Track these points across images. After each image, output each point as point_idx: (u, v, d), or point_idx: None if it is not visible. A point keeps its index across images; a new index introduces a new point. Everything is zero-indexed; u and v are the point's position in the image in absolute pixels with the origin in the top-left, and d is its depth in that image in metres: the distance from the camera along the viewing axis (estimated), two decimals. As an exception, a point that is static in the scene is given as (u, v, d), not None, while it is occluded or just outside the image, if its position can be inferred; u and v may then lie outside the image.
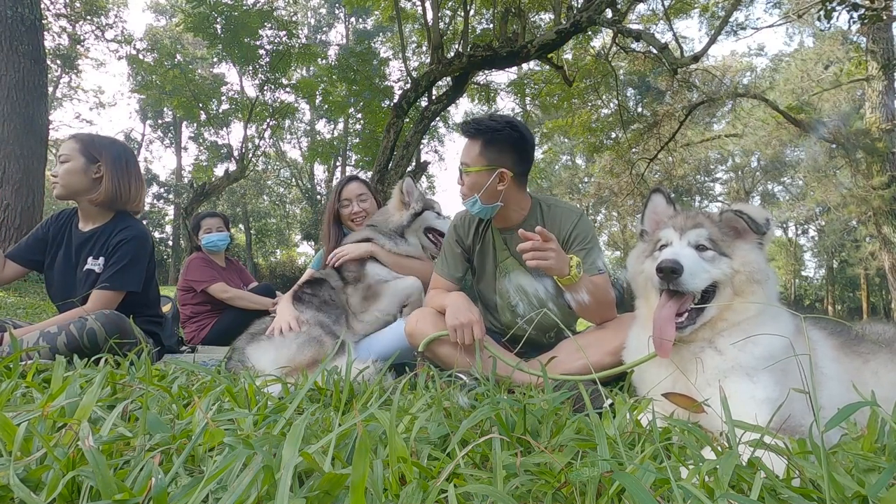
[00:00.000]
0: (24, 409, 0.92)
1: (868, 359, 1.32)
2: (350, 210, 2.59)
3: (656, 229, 1.38)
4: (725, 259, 1.24)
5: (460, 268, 2.08)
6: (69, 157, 2.09)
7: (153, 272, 2.29)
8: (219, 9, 10.02)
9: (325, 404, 1.17)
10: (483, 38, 10.05)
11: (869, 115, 11.45)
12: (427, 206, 2.46)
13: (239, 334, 2.10)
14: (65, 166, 2.08)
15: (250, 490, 0.60)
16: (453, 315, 1.76)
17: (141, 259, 2.14)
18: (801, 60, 17.15)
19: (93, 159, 2.11)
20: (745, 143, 19.81)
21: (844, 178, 14.54)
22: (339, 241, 2.57)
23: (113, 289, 2.05)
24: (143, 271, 2.16)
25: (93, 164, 2.11)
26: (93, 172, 2.11)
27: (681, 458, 0.86)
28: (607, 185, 18.80)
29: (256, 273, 23.87)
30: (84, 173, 2.10)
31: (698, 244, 1.26)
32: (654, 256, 1.31)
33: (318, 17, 27.58)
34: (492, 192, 1.86)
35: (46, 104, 7.82)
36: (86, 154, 2.10)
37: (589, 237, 1.91)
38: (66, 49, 16.58)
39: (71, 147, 2.11)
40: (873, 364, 1.31)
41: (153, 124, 28.29)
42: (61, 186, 2.09)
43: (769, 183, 26.42)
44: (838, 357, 1.29)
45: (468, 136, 1.89)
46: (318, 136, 25.53)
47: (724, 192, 28.45)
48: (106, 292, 2.04)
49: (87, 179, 2.10)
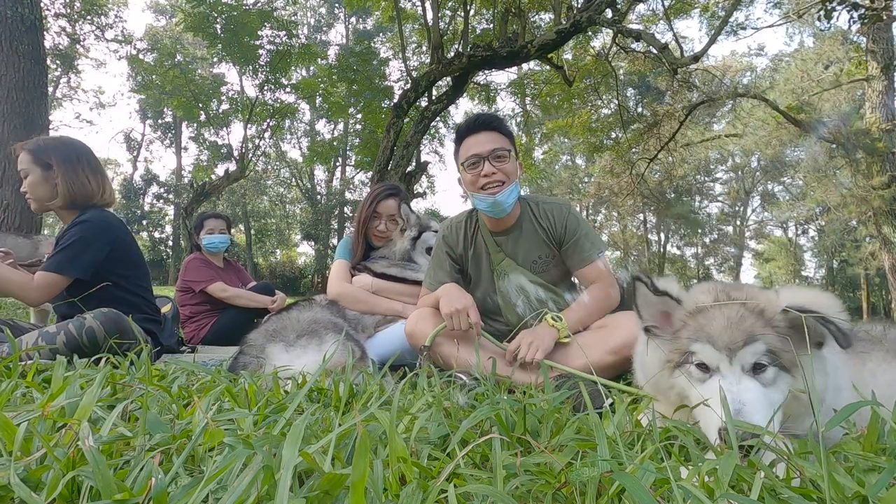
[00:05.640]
0: (24, 409, 0.92)
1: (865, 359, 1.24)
2: (377, 226, 2.57)
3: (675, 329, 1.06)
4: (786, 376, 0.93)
5: (448, 279, 2.06)
6: (27, 170, 2.06)
7: (144, 269, 2.26)
8: (219, 9, 10.02)
9: (325, 404, 1.17)
10: (483, 38, 10.04)
11: (869, 115, 11.44)
12: (423, 228, 2.53)
13: (238, 333, 2.09)
14: (27, 181, 2.06)
15: (250, 490, 0.60)
16: (447, 303, 1.78)
17: (92, 245, 2.03)
18: (801, 60, 17.15)
19: (46, 166, 2.07)
20: (745, 143, 19.81)
21: (844, 178, 14.53)
22: (364, 256, 2.60)
23: (54, 271, 1.95)
24: (96, 260, 2.04)
25: (47, 170, 2.07)
26: (53, 179, 2.08)
27: (680, 458, 0.86)
28: (607, 185, 18.82)
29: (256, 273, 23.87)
30: (45, 182, 2.07)
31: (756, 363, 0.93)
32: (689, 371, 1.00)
33: (318, 17, 27.58)
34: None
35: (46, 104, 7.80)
36: (39, 163, 2.07)
37: (580, 226, 1.96)
38: (66, 49, 16.57)
39: (25, 160, 2.07)
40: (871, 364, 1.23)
41: (153, 124, 28.29)
42: (33, 201, 2.08)
43: (769, 183, 26.44)
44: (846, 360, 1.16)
45: (487, 127, 1.90)
46: (318, 136, 25.56)
47: (724, 192, 28.48)
48: (47, 274, 1.95)
49: (50, 187, 2.08)
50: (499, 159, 1.87)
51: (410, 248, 2.51)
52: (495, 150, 1.87)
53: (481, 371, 1.42)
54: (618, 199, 19.47)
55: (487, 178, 1.87)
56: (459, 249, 2.09)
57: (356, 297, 2.41)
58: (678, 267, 29.15)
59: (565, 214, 1.98)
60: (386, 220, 2.56)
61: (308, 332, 1.87)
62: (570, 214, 1.99)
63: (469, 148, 1.90)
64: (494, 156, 1.87)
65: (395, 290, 2.44)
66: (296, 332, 1.87)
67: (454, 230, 2.11)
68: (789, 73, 17.37)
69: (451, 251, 2.10)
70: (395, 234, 2.56)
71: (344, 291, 2.43)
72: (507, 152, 1.89)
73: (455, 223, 2.14)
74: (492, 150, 1.87)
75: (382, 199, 2.57)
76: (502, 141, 1.90)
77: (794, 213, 23.98)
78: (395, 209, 2.57)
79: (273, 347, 1.82)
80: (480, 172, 1.88)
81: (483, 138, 1.89)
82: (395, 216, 2.56)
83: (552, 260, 2.02)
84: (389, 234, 2.57)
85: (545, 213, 2.00)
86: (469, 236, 2.08)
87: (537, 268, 2.01)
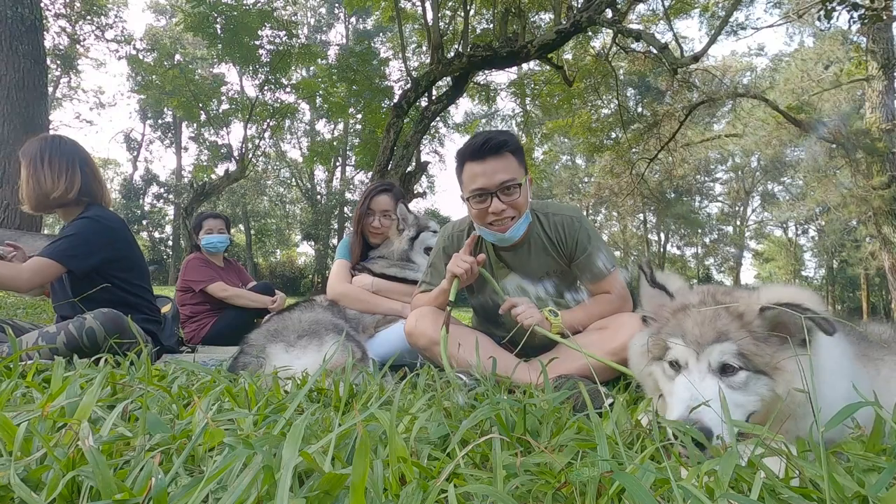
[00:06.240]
0: (24, 409, 0.92)
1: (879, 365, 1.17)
2: (371, 221, 2.58)
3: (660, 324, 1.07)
4: (763, 379, 0.91)
5: None
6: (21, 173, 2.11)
7: (143, 269, 2.26)
8: (219, 9, 10.03)
9: (325, 404, 1.17)
10: (483, 38, 10.05)
11: (869, 115, 11.45)
12: (422, 227, 2.55)
13: (239, 333, 2.09)
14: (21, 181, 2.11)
15: (250, 490, 0.60)
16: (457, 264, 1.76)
17: (90, 240, 2.04)
18: (801, 60, 17.15)
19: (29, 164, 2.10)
20: (745, 143, 19.82)
21: (844, 178, 14.54)
22: (362, 255, 2.62)
23: (47, 257, 1.95)
24: (92, 254, 2.04)
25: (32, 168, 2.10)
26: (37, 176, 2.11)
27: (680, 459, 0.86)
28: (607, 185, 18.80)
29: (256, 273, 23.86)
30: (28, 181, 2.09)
31: (724, 364, 0.93)
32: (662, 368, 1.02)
33: (318, 17, 27.58)
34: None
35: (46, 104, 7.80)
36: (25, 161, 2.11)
37: (591, 241, 1.86)
38: (66, 49, 16.57)
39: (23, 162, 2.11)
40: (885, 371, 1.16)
41: (153, 124, 28.32)
42: (24, 201, 2.11)
43: (769, 183, 26.45)
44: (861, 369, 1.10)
45: (495, 153, 1.68)
46: (318, 136, 25.57)
47: (724, 192, 28.50)
48: (41, 259, 1.95)
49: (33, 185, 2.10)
50: (509, 193, 1.68)
51: (408, 249, 2.52)
52: (505, 183, 1.67)
53: (481, 371, 1.42)
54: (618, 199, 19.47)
55: (496, 216, 1.71)
56: None
57: (357, 296, 2.41)
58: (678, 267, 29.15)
59: (576, 228, 1.85)
60: (379, 215, 2.57)
61: (308, 333, 1.87)
62: (581, 228, 1.85)
63: (474, 178, 1.70)
64: (504, 189, 1.68)
65: (396, 290, 2.44)
66: (296, 333, 1.87)
67: (455, 241, 2.00)
68: (789, 73, 17.36)
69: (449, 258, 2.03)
70: (391, 233, 2.57)
71: (345, 291, 2.43)
72: (518, 184, 1.69)
73: (456, 233, 2.02)
74: (501, 184, 1.67)
75: (375, 196, 2.59)
76: (512, 168, 1.69)
77: (794, 213, 23.98)
78: (388, 205, 2.57)
79: (273, 347, 1.82)
80: (488, 209, 1.70)
81: (490, 167, 1.67)
82: (388, 212, 2.57)
83: (561, 275, 1.95)
84: (384, 230, 2.57)
85: (555, 225, 1.88)
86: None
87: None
